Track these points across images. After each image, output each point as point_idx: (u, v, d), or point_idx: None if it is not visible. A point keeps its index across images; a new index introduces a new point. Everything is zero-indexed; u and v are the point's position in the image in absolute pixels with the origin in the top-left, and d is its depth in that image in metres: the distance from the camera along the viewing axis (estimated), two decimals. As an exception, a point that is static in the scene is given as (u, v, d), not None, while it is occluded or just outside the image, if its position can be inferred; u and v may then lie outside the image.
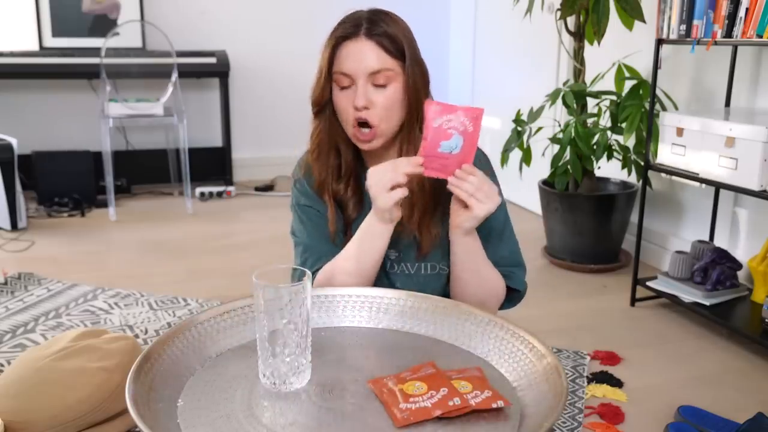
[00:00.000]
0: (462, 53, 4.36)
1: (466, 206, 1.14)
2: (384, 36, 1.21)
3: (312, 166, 1.32)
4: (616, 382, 1.91)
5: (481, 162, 1.34)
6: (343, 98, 1.24)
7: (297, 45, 4.38)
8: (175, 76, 3.66)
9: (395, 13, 1.27)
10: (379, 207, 1.16)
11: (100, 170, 3.72)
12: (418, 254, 1.32)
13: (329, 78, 1.25)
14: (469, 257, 1.22)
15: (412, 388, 0.89)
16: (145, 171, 4.19)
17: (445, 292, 1.34)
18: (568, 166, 2.80)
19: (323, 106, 1.28)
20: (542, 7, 3.21)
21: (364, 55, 1.21)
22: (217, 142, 4.37)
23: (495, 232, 1.32)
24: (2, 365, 1.93)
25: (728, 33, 2.05)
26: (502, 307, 1.34)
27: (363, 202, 1.32)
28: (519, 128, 2.89)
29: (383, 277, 1.34)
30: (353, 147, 1.32)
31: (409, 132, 1.27)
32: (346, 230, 1.33)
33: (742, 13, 2.00)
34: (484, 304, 1.25)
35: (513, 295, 1.34)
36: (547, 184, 2.94)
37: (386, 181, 1.13)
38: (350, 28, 1.22)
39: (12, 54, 3.73)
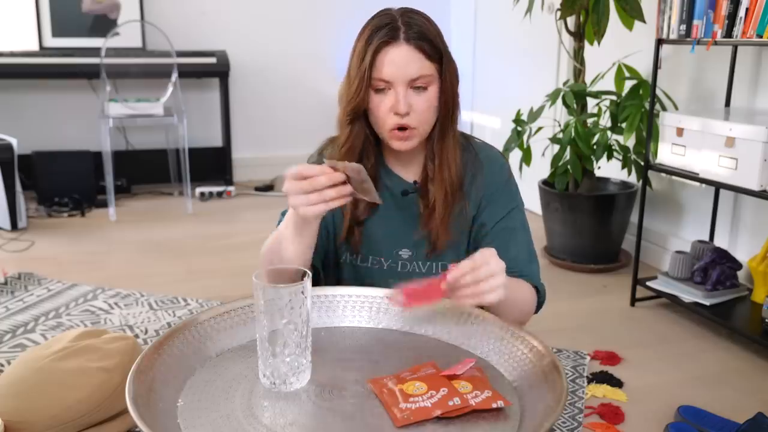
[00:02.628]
0: (462, 53, 4.36)
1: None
2: (423, 39, 1.19)
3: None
4: (616, 382, 1.91)
5: (495, 172, 1.33)
6: (380, 102, 1.21)
7: (297, 45, 4.39)
8: (175, 76, 3.66)
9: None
10: (301, 215, 1.07)
11: (100, 170, 3.72)
12: (430, 252, 1.31)
13: (369, 85, 1.20)
14: (503, 309, 1.13)
15: (412, 388, 0.89)
16: (145, 171, 4.19)
17: None
18: (568, 166, 2.80)
19: (360, 114, 1.25)
20: (542, 7, 3.21)
21: (405, 62, 1.18)
22: (217, 142, 4.37)
23: (512, 231, 1.30)
24: (2, 365, 1.93)
25: (728, 33, 2.05)
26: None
27: (376, 204, 1.32)
28: (519, 128, 2.89)
29: (393, 279, 1.33)
30: (378, 148, 1.31)
31: (442, 131, 1.26)
32: (353, 229, 1.32)
33: (742, 13, 2.00)
34: (521, 320, 1.24)
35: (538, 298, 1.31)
36: (547, 184, 2.94)
37: (312, 198, 1.02)
38: (388, 32, 1.18)
39: (12, 54, 3.73)
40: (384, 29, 1.19)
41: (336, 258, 1.37)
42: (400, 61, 1.18)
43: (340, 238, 1.32)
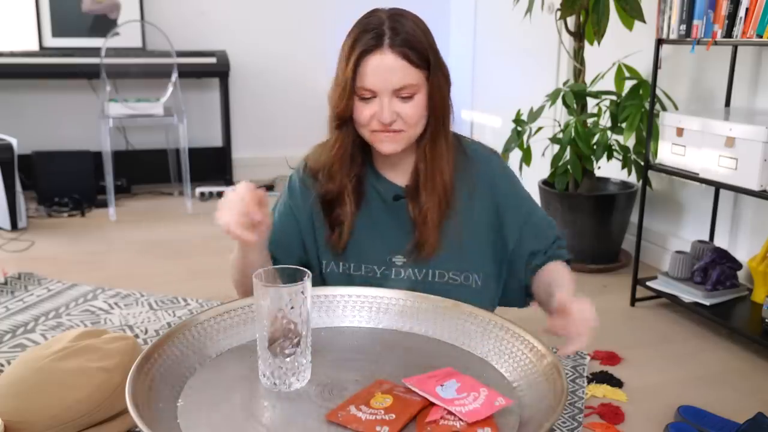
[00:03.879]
0: (462, 53, 4.36)
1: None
2: (408, 46, 1.16)
3: (334, 177, 1.28)
4: (616, 382, 1.91)
5: (484, 162, 1.34)
6: (365, 109, 1.19)
7: (297, 45, 4.39)
8: (175, 76, 3.66)
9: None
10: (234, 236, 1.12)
11: (100, 170, 3.71)
12: (417, 256, 1.28)
13: (353, 92, 1.19)
14: None
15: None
16: (145, 171, 4.19)
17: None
18: (568, 166, 2.80)
19: (347, 118, 1.23)
20: (542, 7, 3.21)
21: (389, 71, 1.16)
22: (217, 142, 4.37)
23: (529, 217, 1.39)
24: (2, 365, 1.93)
25: (728, 33, 2.05)
26: None
27: (360, 207, 1.30)
28: (519, 128, 2.89)
29: (389, 287, 1.32)
30: (367, 151, 1.30)
31: (433, 136, 1.25)
32: (334, 231, 1.31)
33: (742, 13, 1.99)
34: None
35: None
36: (547, 184, 2.94)
37: (242, 220, 1.10)
38: (373, 39, 1.16)
39: (12, 54, 3.73)
40: (369, 34, 1.16)
41: (320, 269, 1.34)
42: (384, 70, 1.16)
43: (326, 238, 1.31)
